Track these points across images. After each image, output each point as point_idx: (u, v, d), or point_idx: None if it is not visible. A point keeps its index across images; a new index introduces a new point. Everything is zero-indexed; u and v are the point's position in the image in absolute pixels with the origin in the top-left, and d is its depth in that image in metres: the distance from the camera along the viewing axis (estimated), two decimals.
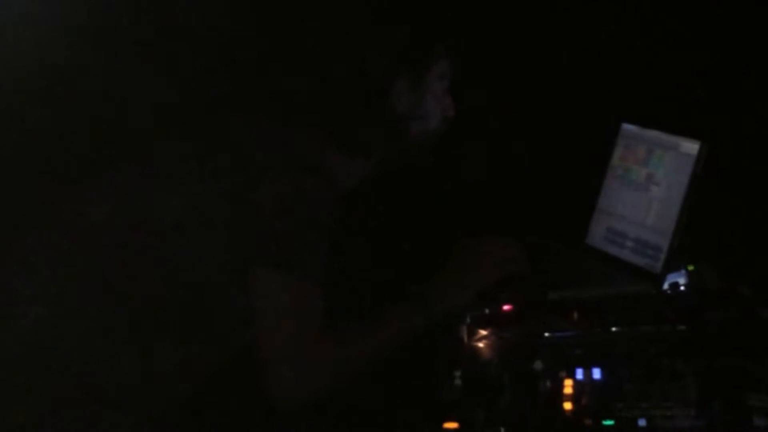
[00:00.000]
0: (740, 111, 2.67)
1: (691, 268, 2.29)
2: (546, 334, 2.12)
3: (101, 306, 2.04)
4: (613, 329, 2.10)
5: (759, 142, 2.62)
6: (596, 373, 1.97)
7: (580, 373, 1.97)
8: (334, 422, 2.21)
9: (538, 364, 2.00)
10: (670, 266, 2.26)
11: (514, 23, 2.78)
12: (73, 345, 2.02)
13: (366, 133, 2.20)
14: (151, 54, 2.73)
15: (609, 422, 1.85)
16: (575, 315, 2.18)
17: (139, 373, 2.05)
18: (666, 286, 2.26)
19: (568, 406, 1.91)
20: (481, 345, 2.13)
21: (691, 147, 2.26)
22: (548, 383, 1.96)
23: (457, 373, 2.04)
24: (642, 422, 1.84)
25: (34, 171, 2.68)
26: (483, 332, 2.16)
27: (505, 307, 2.23)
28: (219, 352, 2.14)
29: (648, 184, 2.36)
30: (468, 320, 2.20)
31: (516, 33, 2.78)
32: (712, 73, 2.72)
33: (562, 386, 1.94)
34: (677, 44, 2.74)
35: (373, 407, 2.31)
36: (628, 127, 2.47)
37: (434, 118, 2.24)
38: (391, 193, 2.41)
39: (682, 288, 2.26)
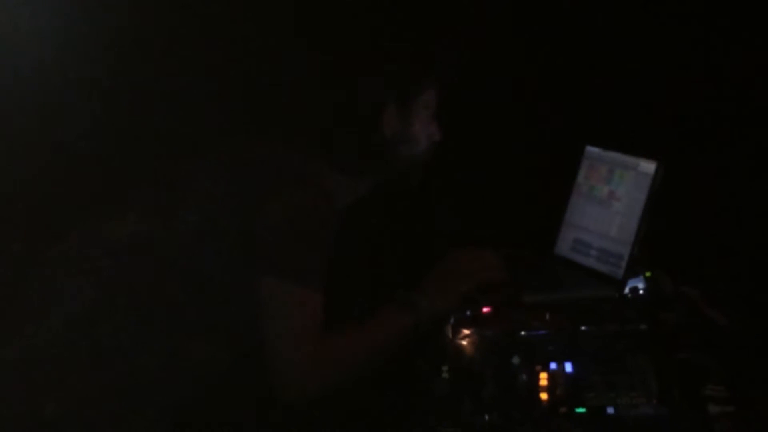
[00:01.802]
0: (692, 136, 2.67)
1: (648, 274, 2.29)
2: (522, 333, 2.11)
3: (126, 309, 2.05)
4: (582, 328, 2.10)
5: (708, 163, 2.63)
6: (568, 367, 1.98)
7: (553, 367, 1.98)
8: (334, 413, 2.21)
9: (515, 360, 2.00)
10: (630, 273, 2.27)
11: (493, 57, 2.79)
12: (101, 344, 2.03)
13: (360, 156, 2.20)
14: (174, 82, 2.73)
15: (581, 410, 1.86)
16: (547, 316, 2.17)
17: (161, 370, 2.05)
18: (627, 290, 2.26)
19: (544, 396, 1.91)
20: (464, 343, 2.12)
21: (648, 167, 2.27)
22: (525, 376, 1.96)
23: (445, 368, 2.05)
24: (610, 410, 1.85)
25: (67, 187, 2.67)
26: (466, 331, 2.14)
27: (485, 309, 2.22)
28: (232, 352, 2.13)
29: (610, 200, 2.36)
30: (452, 321, 2.19)
31: (493, 66, 2.80)
32: (667, 102, 2.72)
33: (538, 379, 1.95)
34: (636, 77, 2.75)
35: (370, 400, 2.29)
36: (591, 149, 2.48)
37: (421, 142, 2.24)
38: (383, 208, 2.40)
39: (641, 292, 2.26)
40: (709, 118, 2.67)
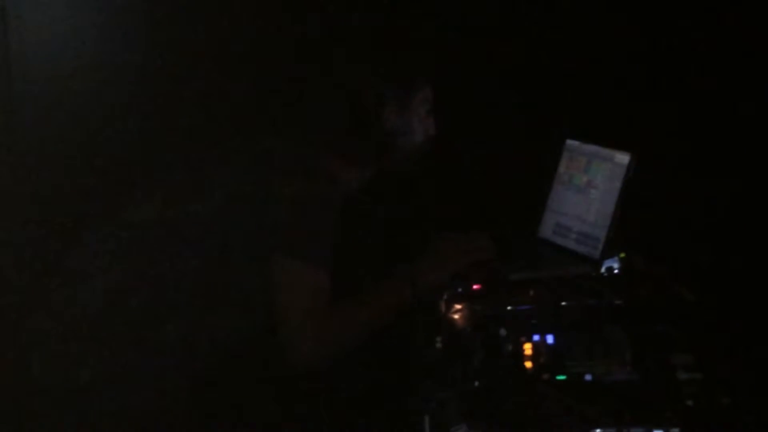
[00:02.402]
0: (663, 130, 2.68)
1: (622, 255, 2.29)
2: (508, 308, 2.11)
3: (149, 285, 2.09)
4: (563, 303, 2.11)
5: (676, 155, 2.64)
6: (550, 338, 1.99)
7: (537, 338, 1.99)
8: (336, 379, 2.23)
9: (502, 332, 2.02)
10: (606, 253, 2.27)
11: (483, 59, 2.79)
12: (128, 318, 2.07)
13: (363, 148, 2.25)
14: (196, 84, 2.76)
15: (561, 377, 1.88)
16: (532, 292, 2.18)
17: (182, 341, 2.09)
18: (603, 269, 2.27)
19: (528, 364, 1.93)
20: (456, 317, 2.13)
21: (623, 158, 2.28)
22: (511, 347, 1.98)
23: (438, 339, 2.06)
24: (588, 377, 1.86)
25: (99, 174, 2.71)
26: (458, 306, 2.16)
27: (475, 286, 2.23)
28: (245, 324, 2.17)
29: (588, 188, 2.37)
30: (445, 297, 2.21)
31: (485, 66, 2.81)
32: (640, 99, 2.73)
33: (522, 349, 1.97)
34: (613, 78, 2.76)
35: (370, 367, 2.31)
36: (571, 142, 2.48)
37: (418, 136, 2.29)
38: (384, 194, 2.42)
39: (616, 271, 2.27)
40: (678, 113, 2.68)
